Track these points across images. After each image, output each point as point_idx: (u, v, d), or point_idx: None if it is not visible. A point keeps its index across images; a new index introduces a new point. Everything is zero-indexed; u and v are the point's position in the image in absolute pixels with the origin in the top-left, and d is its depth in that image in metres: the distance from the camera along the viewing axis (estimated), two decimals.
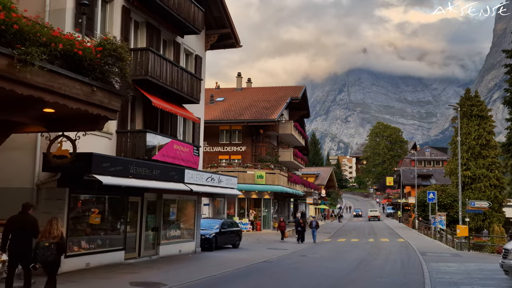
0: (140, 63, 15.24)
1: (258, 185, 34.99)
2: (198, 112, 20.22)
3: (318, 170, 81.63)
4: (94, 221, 14.05)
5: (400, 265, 17.32)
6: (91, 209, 14.26)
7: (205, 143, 40.71)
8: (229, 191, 20.36)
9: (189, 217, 19.84)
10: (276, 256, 20.43)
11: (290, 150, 44.57)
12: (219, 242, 21.96)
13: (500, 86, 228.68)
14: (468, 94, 51.34)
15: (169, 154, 16.11)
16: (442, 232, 32.51)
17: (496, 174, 47.30)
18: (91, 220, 13.98)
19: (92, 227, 14.18)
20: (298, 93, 46.01)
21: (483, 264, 17.18)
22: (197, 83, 18.54)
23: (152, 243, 17.31)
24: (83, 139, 10.48)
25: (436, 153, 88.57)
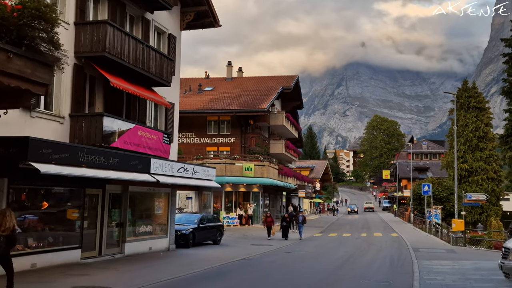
0: (97, 38, 13.59)
1: (246, 178, 33.41)
2: (171, 97, 18.59)
3: (313, 163, 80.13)
4: (42, 216, 12.46)
5: (389, 263, 15.79)
6: (40, 202, 12.67)
7: (192, 134, 39.20)
8: (205, 183, 18.77)
9: (161, 211, 18.25)
10: (258, 253, 18.90)
11: (281, 142, 42.97)
12: (197, 238, 20.40)
13: (498, 80, 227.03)
14: (466, 86, 49.89)
15: (132, 141, 14.48)
16: (437, 226, 31.02)
17: (494, 167, 45.98)
18: (38, 215, 12.38)
19: (42, 223, 12.60)
20: (290, 83, 44.32)
21: (479, 262, 15.66)
22: (168, 64, 16.89)
23: (116, 240, 15.73)
24: (28, 122, 8.85)
25: (433, 146, 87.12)
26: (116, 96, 15.71)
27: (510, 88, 39.34)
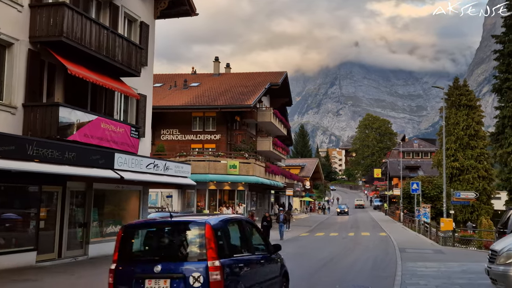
0: (54, 22, 12.48)
1: (231, 176, 32.31)
2: (143, 89, 17.52)
3: (304, 161, 79.14)
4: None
5: (371, 265, 14.82)
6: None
7: (177, 130, 38.05)
8: (179, 180, 17.70)
9: (132, 210, 17.16)
10: None
11: (269, 139, 41.92)
12: None
13: (490, 80, 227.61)
14: (457, 84, 49.27)
15: (93, 135, 13.39)
16: (426, 225, 30.16)
17: (485, 165, 45.36)
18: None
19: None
20: (279, 79, 43.27)
21: (467, 264, 14.71)
22: (137, 53, 15.80)
23: (80, 241, 14.64)
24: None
25: (425, 144, 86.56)
26: (80, 86, 14.61)
27: (501, 86, 38.62)
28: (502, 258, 7.56)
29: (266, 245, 7.69)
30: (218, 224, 6.19)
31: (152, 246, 6.36)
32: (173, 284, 5.68)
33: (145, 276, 5.78)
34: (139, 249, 6.41)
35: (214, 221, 6.18)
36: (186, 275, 5.66)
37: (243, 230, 7.12)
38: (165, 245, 6.27)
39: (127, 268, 5.96)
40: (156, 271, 5.73)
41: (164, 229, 6.42)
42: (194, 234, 6.04)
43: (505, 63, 38.47)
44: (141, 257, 6.29)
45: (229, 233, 6.46)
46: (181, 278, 5.67)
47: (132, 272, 5.90)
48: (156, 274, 5.73)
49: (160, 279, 5.71)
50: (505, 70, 38.40)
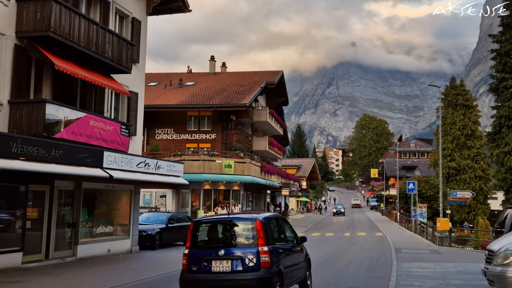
0: (41, 16, 12.17)
1: (226, 175, 32.01)
2: (135, 86, 17.20)
3: (300, 161, 78.94)
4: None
5: (367, 266, 14.55)
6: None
7: (172, 130, 37.72)
8: (171, 179, 17.40)
9: (123, 210, 16.85)
10: None
11: (265, 139, 41.63)
12: (165, 239, 19.03)
13: (487, 80, 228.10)
14: (454, 83, 49.11)
15: (82, 132, 13.07)
16: (422, 225, 29.94)
17: (482, 165, 45.19)
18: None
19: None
20: (275, 78, 43.00)
21: (464, 264, 14.47)
22: (128, 49, 15.49)
23: (68, 241, 14.32)
24: None
25: (421, 144, 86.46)
26: (69, 83, 14.31)
27: (498, 85, 38.47)
28: (499, 258, 7.29)
29: (295, 237, 9.52)
30: (264, 220, 8.09)
31: (216, 236, 8.16)
32: (233, 263, 7.53)
33: (212, 258, 7.63)
34: (205, 238, 8.18)
35: (261, 217, 8.09)
36: (243, 257, 7.53)
37: (280, 225, 9.08)
38: (226, 235, 8.06)
39: (197, 252, 7.82)
40: (220, 254, 7.61)
41: (224, 223, 8.24)
42: (248, 227, 7.91)
43: (502, 63, 38.31)
44: (207, 244, 8.10)
45: (271, 227, 8.39)
46: (239, 259, 7.54)
47: (201, 255, 7.73)
48: (220, 257, 7.59)
49: (223, 260, 7.57)
50: (501, 70, 38.25)
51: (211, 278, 7.57)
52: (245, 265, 7.49)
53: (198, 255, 7.75)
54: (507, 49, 37.70)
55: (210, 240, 8.16)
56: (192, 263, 7.72)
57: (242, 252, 7.61)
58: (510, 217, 10.28)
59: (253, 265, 7.46)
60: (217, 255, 7.61)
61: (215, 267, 7.57)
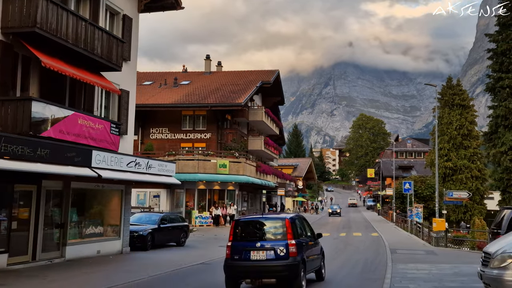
0: (27, 12, 11.85)
1: (221, 175, 31.75)
2: (126, 84, 16.89)
3: (297, 161, 78.70)
4: None
5: (361, 268, 14.29)
6: None
7: (166, 129, 37.42)
8: (163, 179, 17.09)
9: (113, 210, 16.53)
10: (222, 256, 17.24)
11: (260, 138, 41.38)
12: (157, 240, 18.72)
13: (483, 80, 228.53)
14: (450, 83, 48.97)
15: (70, 131, 12.76)
16: (419, 225, 29.72)
17: (478, 165, 45.06)
18: None
19: None
20: (270, 78, 42.74)
21: (460, 265, 14.23)
22: (118, 46, 15.18)
23: (56, 243, 14.00)
24: None
25: (418, 144, 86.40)
26: (58, 81, 13.99)
27: (495, 85, 38.31)
28: (496, 261, 7.02)
29: (313, 233, 11.44)
30: (291, 219, 10.07)
31: (253, 232, 9.99)
32: (267, 253, 9.42)
33: (250, 249, 9.50)
34: (244, 233, 9.96)
35: (289, 217, 10.11)
36: (275, 248, 9.44)
37: (302, 223, 10.99)
38: (261, 231, 9.92)
39: (238, 244, 9.64)
40: (257, 246, 9.51)
41: (259, 222, 10.17)
42: (278, 225, 9.86)
43: (498, 62, 38.16)
44: (246, 238, 9.86)
45: (296, 224, 10.25)
46: (272, 250, 9.44)
47: (242, 246, 9.57)
48: (257, 248, 9.49)
49: (259, 250, 9.48)
50: (498, 69, 38.09)
51: (250, 265, 9.48)
52: (277, 254, 9.39)
53: (239, 247, 9.59)
54: (503, 48, 37.54)
55: (249, 235, 9.93)
56: (234, 253, 9.58)
57: (274, 244, 9.50)
58: (507, 218, 9.99)
59: (283, 255, 9.36)
60: (255, 247, 9.48)
61: (253, 256, 9.45)
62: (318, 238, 11.55)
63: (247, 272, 9.55)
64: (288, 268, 9.38)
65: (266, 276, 9.55)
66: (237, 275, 9.72)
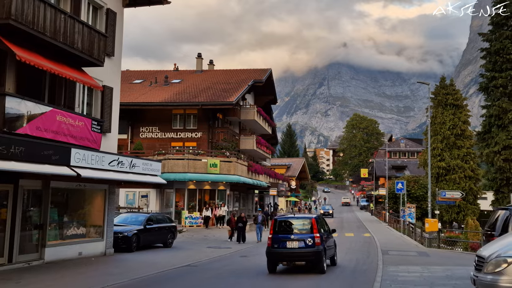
0: (1, 3, 11.28)
1: (211, 175, 31.21)
2: (110, 81, 16.35)
3: (290, 161, 78.27)
4: None
5: (351, 270, 13.84)
6: None
7: (157, 128, 36.85)
8: (148, 178, 16.55)
9: (96, 211, 15.99)
10: (209, 257, 16.81)
11: (252, 138, 40.88)
12: (142, 241, 18.21)
13: (477, 81, 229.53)
14: (443, 83, 48.71)
15: (48, 128, 12.22)
16: (411, 226, 29.39)
17: (471, 165, 44.80)
18: None
19: None
20: (263, 76, 42.26)
21: (453, 268, 13.82)
22: (100, 41, 14.64)
23: (35, 244, 13.44)
24: None
25: (411, 144, 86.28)
26: (37, 76, 13.46)
27: (488, 84, 38.14)
28: (490, 265, 6.58)
29: (329, 229, 14.60)
30: (316, 218, 13.23)
31: (288, 227, 13.11)
32: (299, 243, 12.40)
33: (286, 239, 12.55)
34: (281, 228, 13.02)
35: (314, 216, 13.36)
36: (305, 239, 12.43)
37: (322, 221, 14.22)
38: (294, 226, 13.08)
39: (277, 236, 12.66)
40: (291, 238, 12.58)
41: (292, 219, 13.44)
42: (307, 222, 12.98)
43: (492, 61, 37.97)
44: (283, 231, 12.91)
45: (319, 222, 13.33)
46: (302, 240, 12.44)
47: (280, 238, 12.61)
48: (291, 239, 12.54)
49: (293, 241, 12.50)
50: (491, 69, 37.90)
51: (286, 252, 12.60)
52: (306, 244, 12.46)
53: (277, 238, 12.70)
54: (497, 47, 37.35)
55: (284, 229, 12.99)
56: (274, 242, 12.69)
57: (304, 237, 12.58)
58: (501, 218, 9.56)
59: (311, 244, 12.43)
60: (290, 238, 12.63)
61: (288, 245, 12.56)
62: (332, 233, 14.65)
63: (284, 257, 12.69)
64: (315, 254, 12.43)
65: (298, 260, 12.72)
66: (276, 259, 12.82)
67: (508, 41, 36.91)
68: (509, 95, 36.31)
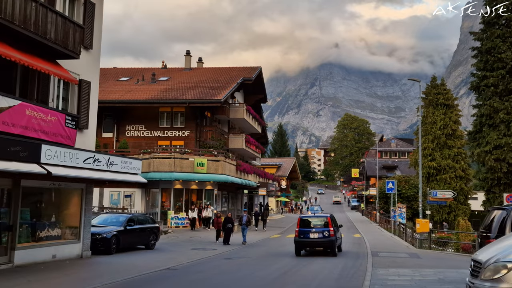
0: None
1: (198, 174, 30.46)
2: (87, 74, 15.56)
3: (281, 160, 77.66)
4: None
5: (338, 274, 13.19)
6: None
7: (143, 126, 36.00)
8: (127, 177, 15.78)
9: (72, 211, 15.19)
10: (192, 260, 16.09)
11: (241, 136, 40.18)
12: (123, 243, 17.44)
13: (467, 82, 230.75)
14: (434, 83, 48.45)
15: (16, 123, 11.43)
16: (402, 226, 28.87)
17: (462, 165, 44.58)
18: None
19: None
20: (252, 74, 41.57)
21: (445, 271, 13.24)
22: (75, 32, 13.86)
23: (4, 247, 12.63)
24: None
25: (402, 144, 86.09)
26: (7, 68, 12.65)
27: (479, 83, 37.75)
28: (488, 271, 5.97)
29: (338, 224, 19.31)
30: (330, 216, 18.76)
31: (310, 222, 18.19)
32: (319, 235, 17.52)
33: (309, 232, 17.74)
34: (304, 224, 18.01)
35: (329, 215, 18.79)
36: (323, 232, 17.52)
37: (334, 218, 18.93)
38: (314, 223, 18.17)
39: (302, 229, 17.81)
40: (313, 231, 17.74)
41: (313, 217, 18.85)
42: (324, 218, 18.21)
43: (483, 61, 37.59)
44: (306, 226, 17.91)
45: (333, 219, 18.52)
46: (321, 233, 17.51)
47: (304, 230, 17.79)
48: (313, 231, 17.69)
49: (314, 233, 17.66)
50: (483, 68, 37.52)
51: (309, 241, 17.67)
52: (324, 235, 17.36)
53: (302, 231, 17.70)
54: (488, 46, 36.98)
55: (308, 224, 17.99)
56: (300, 234, 17.68)
57: (322, 230, 17.43)
58: (497, 219, 8.94)
59: (327, 235, 17.29)
60: (311, 231, 17.56)
61: (311, 236, 17.52)
62: (340, 227, 19.95)
63: (307, 244, 18.06)
64: (330, 243, 17.51)
65: (317, 246, 18.13)
66: (302, 246, 18.07)
67: (499, 40, 36.59)
68: (500, 94, 35.97)
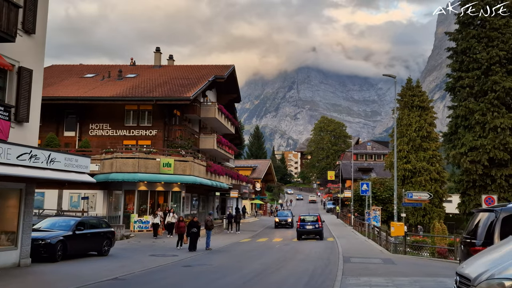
0: None
1: (164, 175, 28.75)
2: (29, 62, 13.87)
3: (256, 162, 76.33)
4: None
5: (305, 282, 11.89)
6: None
7: (107, 125, 34.10)
8: (72, 176, 14.12)
9: (9, 214, 13.46)
10: (145, 268, 14.53)
11: (212, 137, 38.66)
12: (71, 249, 15.73)
13: (441, 87, 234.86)
14: (410, 84, 47.93)
15: None
16: (377, 230, 27.85)
17: (437, 167, 44.07)
18: None
19: None
20: (225, 72, 40.14)
21: (421, 280, 12.09)
22: (10, 11, 12.22)
23: None
24: None
25: (378, 146, 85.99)
26: None
27: (455, 84, 37.32)
28: None
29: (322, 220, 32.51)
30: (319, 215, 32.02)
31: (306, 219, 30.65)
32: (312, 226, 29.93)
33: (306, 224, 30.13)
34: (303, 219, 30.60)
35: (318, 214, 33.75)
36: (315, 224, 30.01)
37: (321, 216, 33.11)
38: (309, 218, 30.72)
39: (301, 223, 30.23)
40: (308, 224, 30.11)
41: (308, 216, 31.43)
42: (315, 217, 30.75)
43: (459, 61, 37.20)
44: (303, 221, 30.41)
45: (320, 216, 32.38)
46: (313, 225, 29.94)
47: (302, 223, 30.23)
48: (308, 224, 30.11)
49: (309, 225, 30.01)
50: (458, 68, 37.12)
51: (306, 230, 29.65)
52: (315, 227, 29.53)
53: (302, 224, 29.85)
54: (463, 47, 36.59)
55: (305, 219, 30.25)
56: (300, 225, 29.76)
57: (315, 223, 29.70)
58: (484, 223, 7.72)
59: (318, 227, 29.55)
60: (307, 223, 29.82)
61: (307, 227, 29.64)
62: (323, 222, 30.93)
63: (304, 233, 29.41)
64: (319, 231, 29.50)
65: (311, 234, 29.45)
66: (301, 233, 29.35)
67: (474, 40, 36.22)
68: (475, 95, 35.56)
